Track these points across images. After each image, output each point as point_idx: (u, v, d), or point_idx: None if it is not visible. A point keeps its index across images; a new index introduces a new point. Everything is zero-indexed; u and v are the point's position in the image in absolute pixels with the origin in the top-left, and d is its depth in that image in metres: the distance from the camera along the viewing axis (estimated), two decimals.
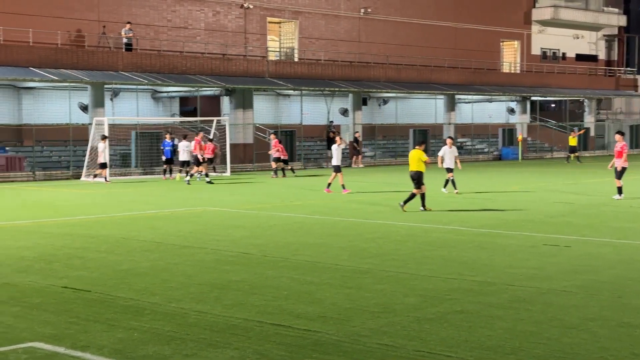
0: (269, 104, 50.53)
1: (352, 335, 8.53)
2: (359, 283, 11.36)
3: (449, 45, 58.82)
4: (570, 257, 13.46)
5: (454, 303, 10.04)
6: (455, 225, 17.97)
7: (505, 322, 9.07)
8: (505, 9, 63.41)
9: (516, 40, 64.93)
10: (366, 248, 14.63)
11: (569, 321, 9.08)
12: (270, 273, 12.14)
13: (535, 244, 14.99)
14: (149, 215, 20.72)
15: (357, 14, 54.03)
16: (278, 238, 16.01)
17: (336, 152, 26.69)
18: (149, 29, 44.41)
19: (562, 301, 10.11)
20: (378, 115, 54.53)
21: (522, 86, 60.74)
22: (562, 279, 11.49)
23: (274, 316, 9.39)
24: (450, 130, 55.02)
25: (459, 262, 13.05)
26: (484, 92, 56.63)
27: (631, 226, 17.63)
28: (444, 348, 8.05)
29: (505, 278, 11.61)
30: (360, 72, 51.32)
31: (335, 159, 26.61)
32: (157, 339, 8.43)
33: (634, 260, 13.12)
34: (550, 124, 62.18)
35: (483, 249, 14.47)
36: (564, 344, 8.15)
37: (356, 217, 19.76)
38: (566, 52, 68.78)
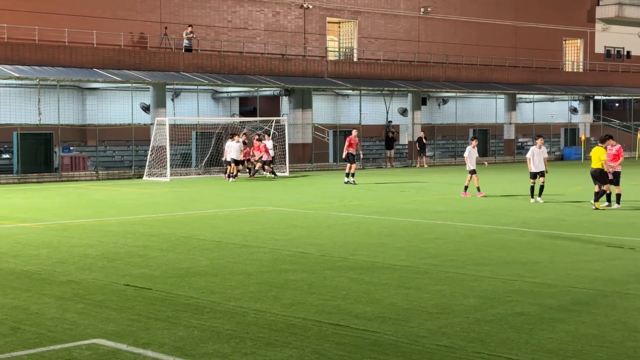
0: (328, 104, 50.59)
1: (410, 336, 8.50)
2: (417, 283, 11.31)
3: (510, 44, 58.18)
4: (634, 260, 13.21)
5: (514, 305, 9.93)
6: (515, 226, 17.77)
7: (567, 324, 8.94)
8: (567, 7, 62.48)
9: (579, 38, 63.93)
10: (424, 248, 14.56)
11: (632, 324, 8.91)
12: (328, 273, 12.16)
13: (598, 245, 14.75)
14: (209, 214, 20.91)
15: (417, 14, 53.79)
16: (336, 238, 16.02)
17: (471, 155, 25.61)
18: (209, 30, 44.84)
19: (625, 304, 9.93)
20: (437, 115, 54.22)
21: (584, 85, 59.78)
22: (626, 282, 11.28)
23: (332, 316, 9.40)
24: (511, 131, 54.43)
25: (519, 263, 12.91)
26: (545, 92, 55.87)
27: None
28: (504, 350, 7.96)
29: (567, 280, 11.45)
30: (419, 72, 51.06)
31: (471, 162, 25.43)
32: (216, 337, 8.51)
33: None
34: (614, 124, 61.07)
35: (544, 250, 14.29)
36: (628, 348, 8.00)
37: (414, 217, 19.67)
38: (631, 50, 67.49)
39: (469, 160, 25.40)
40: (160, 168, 35.61)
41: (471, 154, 25.42)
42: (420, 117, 50.10)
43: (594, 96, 59.95)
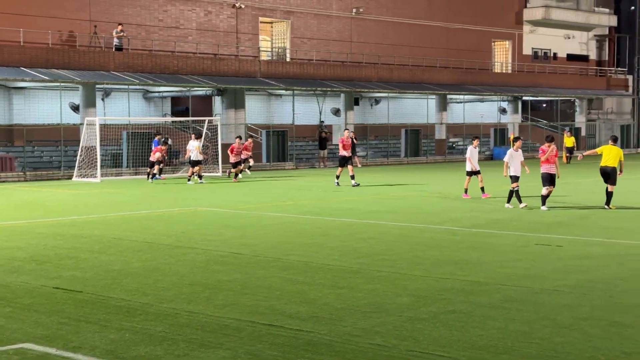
0: (261, 104, 50.50)
1: (344, 335, 8.53)
2: (350, 283, 11.35)
3: (441, 45, 58.89)
4: (561, 257, 13.49)
5: (447, 303, 10.04)
6: (447, 225, 17.99)
7: (498, 321, 9.08)
8: (496, 9, 63.50)
9: (508, 40, 65.04)
10: (358, 248, 14.63)
11: (560, 321, 9.09)
12: (262, 273, 12.13)
13: (527, 243, 15.02)
14: (141, 215, 20.68)
15: (349, 14, 54.04)
16: (269, 238, 16.00)
17: (473, 155, 24.37)
18: (140, 29, 44.32)
19: (554, 301, 10.13)
20: (370, 115, 54.56)
21: (513, 86, 60.85)
22: (554, 279, 11.51)
23: (265, 316, 9.39)
24: (442, 131, 55.09)
25: (451, 262, 13.07)
26: (475, 92, 56.71)
27: (621, 226, 17.67)
28: (437, 348, 8.05)
29: (497, 278, 11.63)
30: (352, 72, 51.33)
31: (474, 163, 24.21)
32: (149, 339, 8.41)
33: (625, 260, 13.15)
34: (542, 124, 62.31)
35: (475, 249, 14.49)
36: (556, 344, 8.16)
37: (348, 217, 19.76)
38: (557, 52, 68.93)
39: (472, 160, 24.13)
40: (90, 169, 35.06)
41: (473, 155, 24.28)
42: (352, 117, 50.38)
43: (522, 97, 61.09)
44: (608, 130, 64.70)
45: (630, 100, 68.94)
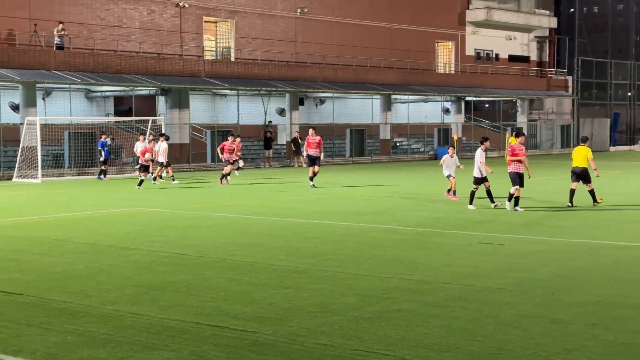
0: (206, 104, 50.23)
1: (289, 335, 8.52)
2: (296, 283, 11.35)
3: (385, 45, 59.23)
4: (504, 255, 13.67)
5: (392, 302, 10.10)
6: (392, 224, 18.10)
7: (442, 320, 9.16)
8: (439, 10, 64.09)
9: (450, 41, 65.69)
10: (303, 248, 14.64)
11: (503, 318, 9.21)
12: (207, 274, 12.06)
13: (470, 242, 15.19)
14: (84, 216, 20.41)
15: (294, 14, 54.05)
16: (215, 239, 15.92)
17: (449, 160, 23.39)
18: (82, 28, 43.72)
19: (496, 299, 10.25)
20: (315, 115, 54.63)
21: (456, 86, 61.48)
22: (497, 277, 11.65)
23: (211, 317, 9.33)
24: (387, 130, 55.40)
25: (396, 261, 13.15)
26: (419, 92, 57.16)
27: (562, 224, 17.97)
28: (382, 347, 8.09)
29: (442, 276, 11.73)
30: (297, 72, 51.34)
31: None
32: (92, 342, 8.30)
33: (566, 258, 13.38)
34: (484, 124, 63.06)
35: (420, 247, 14.60)
36: (499, 341, 8.26)
37: (293, 217, 19.76)
38: (499, 53, 69.82)
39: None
40: (31, 169, 34.49)
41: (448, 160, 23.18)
42: (298, 117, 50.39)
43: (465, 97, 61.76)
44: (549, 130, 65.76)
45: (570, 100, 70.13)
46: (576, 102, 69.17)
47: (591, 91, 72.18)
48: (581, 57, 69.88)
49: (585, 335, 8.46)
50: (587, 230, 16.91)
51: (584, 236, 16.00)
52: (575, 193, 21.66)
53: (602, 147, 65.33)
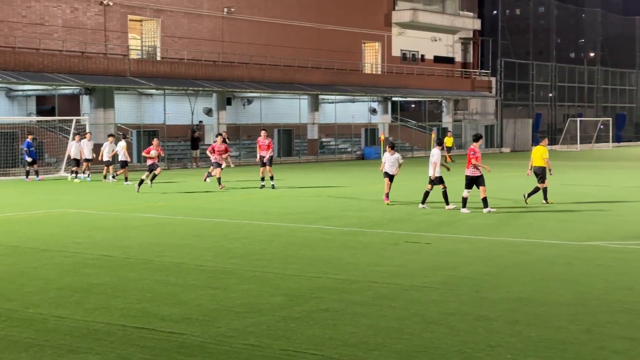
0: (131, 104, 49.57)
1: (217, 337, 8.48)
2: (224, 284, 11.30)
3: (312, 45, 59.38)
4: (430, 254, 13.84)
5: (319, 301, 10.13)
6: (320, 224, 18.15)
7: (369, 319, 9.22)
8: (366, 11, 64.53)
9: (377, 41, 66.19)
10: (231, 248, 14.58)
11: (429, 316, 9.32)
12: (133, 275, 11.92)
13: (397, 241, 15.33)
14: (5, 218, 19.94)
15: (220, 13, 53.77)
16: (141, 240, 15.73)
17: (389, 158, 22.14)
18: (2, 25, 42.71)
19: (423, 297, 10.37)
20: (243, 115, 54.44)
21: (383, 87, 61.98)
22: (423, 276, 11.79)
23: (137, 319, 9.22)
24: (315, 131, 55.54)
25: (324, 260, 13.19)
26: (346, 93, 57.45)
27: (487, 223, 18.27)
28: (310, 346, 8.11)
29: (369, 276, 11.82)
30: (224, 72, 51.09)
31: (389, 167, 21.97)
32: (13, 346, 8.12)
33: (491, 256, 13.61)
34: (411, 124, 63.74)
35: (347, 247, 14.68)
36: (425, 339, 8.36)
37: (221, 217, 19.66)
38: (425, 54, 70.64)
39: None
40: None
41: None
42: (225, 117, 50.16)
43: (392, 97, 62.31)
44: (473, 130, 66.76)
45: (494, 101, 71.35)
46: (499, 103, 70.41)
47: (514, 92, 73.58)
48: (504, 59, 71.17)
49: (508, 331, 8.62)
50: (511, 229, 17.23)
51: (508, 234, 16.30)
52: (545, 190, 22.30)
53: (525, 147, 66.63)
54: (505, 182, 29.76)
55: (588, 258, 13.29)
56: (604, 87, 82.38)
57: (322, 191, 27.05)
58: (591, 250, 14.18)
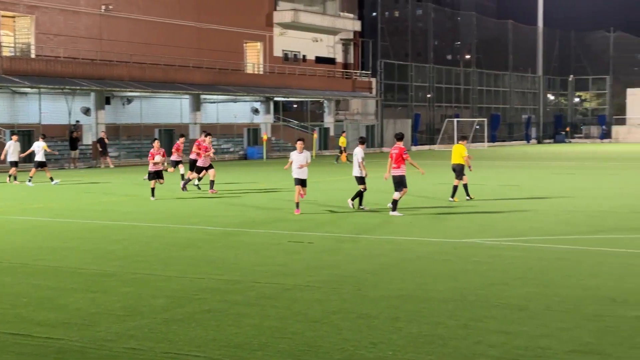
0: (4, 102, 47.89)
1: (97, 341, 8.30)
2: (104, 286, 11.07)
3: (193, 45, 58.86)
4: (313, 253, 13.94)
5: (202, 303, 10.06)
6: (202, 225, 18.02)
7: (252, 319, 9.22)
8: (247, 11, 64.42)
9: (259, 41, 66.18)
10: (112, 250, 14.30)
11: (312, 315, 9.39)
12: (7, 280, 11.53)
13: (280, 241, 15.37)
14: None
15: (98, 11, 52.62)
16: (17, 243, 15.24)
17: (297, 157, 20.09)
18: None
19: (306, 296, 10.44)
20: (122, 115, 53.43)
21: (265, 87, 62.01)
22: (306, 275, 11.87)
23: (12, 325, 8.93)
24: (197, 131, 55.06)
25: (206, 261, 13.11)
26: (228, 93, 57.21)
27: (368, 222, 18.52)
28: (193, 348, 8.04)
29: (252, 276, 11.81)
30: (102, 71, 50.01)
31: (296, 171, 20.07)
32: None
33: (372, 254, 13.82)
34: (293, 124, 64.02)
35: (230, 247, 14.63)
36: (308, 338, 8.42)
37: (101, 219, 19.25)
38: (306, 54, 71.09)
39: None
40: None
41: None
42: (104, 116, 49.12)
43: (274, 97, 62.42)
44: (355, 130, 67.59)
45: (374, 101, 72.45)
46: (380, 103, 71.55)
47: (394, 93, 74.92)
48: (384, 60, 72.36)
49: (390, 328, 8.77)
50: (392, 227, 17.53)
51: (389, 233, 16.58)
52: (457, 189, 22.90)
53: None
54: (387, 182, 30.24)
55: (465, 255, 13.66)
56: (479, 89, 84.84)
57: (205, 191, 26.81)
58: (468, 247, 14.59)
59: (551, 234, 16.09)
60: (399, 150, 19.74)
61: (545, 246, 14.52)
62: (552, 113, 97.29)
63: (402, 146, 19.93)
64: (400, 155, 19.65)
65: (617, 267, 12.31)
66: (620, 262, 12.84)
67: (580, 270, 12.11)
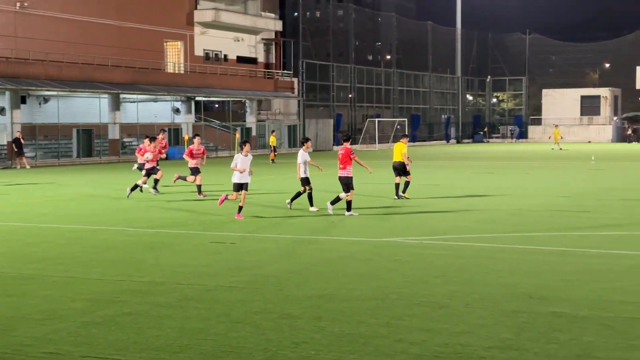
0: None
1: (14, 346, 8.11)
2: (21, 290, 10.83)
3: (113, 43, 58.00)
4: (235, 254, 13.89)
5: (123, 305, 9.93)
6: (121, 226, 17.77)
7: (174, 321, 9.14)
8: (168, 10, 63.78)
9: (179, 40, 65.60)
10: (30, 253, 13.99)
11: (235, 316, 9.36)
12: None
13: (202, 242, 15.27)
14: None
15: (13, 8, 51.41)
16: None
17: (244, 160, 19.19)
18: None
19: (228, 297, 10.40)
20: (39, 115, 52.33)
21: (186, 86, 61.50)
22: (229, 275, 11.82)
23: None
24: (116, 130, 54.28)
25: (127, 263, 12.94)
26: (148, 92, 56.56)
27: (290, 222, 18.55)
28: (113, 351, 7.93)
29: (174, 277, 11.71)
30: (17, 69, 48.86)
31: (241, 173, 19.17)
32: None
33: (295, 254, 13.84)
34: (215, 124, 63.66)
35: (151, 249, 14.47)
36: (231, 339, 8.39)
37: (17, 221, 18.82)
38: (228, 54, 70.76)
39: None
40: None
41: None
42: (19, 116, 48.02)
43: (195, 97, 61.97)
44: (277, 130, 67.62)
45: (296, 101, 72.57)
46: (302, 103, 71.70)
47: (315, 93, 75.17)
48: (306, 60, 72.54)
49: (312, 328, 8.80)
50: (314, 227, 17.58)
51: (311, 233, 16.63)
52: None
53: (326, 147, 68.25)
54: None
55: (387, 254, 13.80)
56: (400, 89, 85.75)
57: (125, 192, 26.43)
58: (390, 246, 14.74)
59: (471, 233, 16.37)
60: (345, 151, 19.56)
61: (465, 244, 14.77)
62: (471, 113, 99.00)
63: (348, 146, 19.76)
64: (347, 156, 19.49)
65: (534, 265, 12.60)
66: (537, 259, 13.15)
67: (499, 267, 12.35)
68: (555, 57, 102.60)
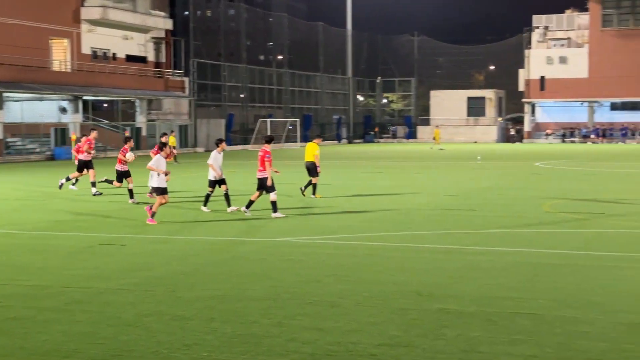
0: None
1: None
2: None
3: None
4: (126, 255, 13.68)
5: (8, 310, 9.65)
6: (6, 228, 17.25)
7: (62, 325, 8.95)
8: (53, 6, 62.09)
9: (66, 38, 64.00)
10: None
11: (125, 319, 9.23)
12: None
13: (91, 244, 14.98)
14: None
15: None
16: None
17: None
18: None
19: (118, 299, 10.24)
20: None
21: (73, 85, 60.06)
22: (119, 278, 11.64)
23: None
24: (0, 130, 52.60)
25: (12, 266, 12.58)
26: (33, 91, 54.99)
27: (180, 222, 18.39)
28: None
29: (61, 280, 11.45)
30: None
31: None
32: None
33: (186, 255, 13.74)
34: (104, 124, 62.42)
35: (37, 252, 14.10)
36: (121, 342, 8.27)
37: None
38: (117, 52, 69.43)
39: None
40: None
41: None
42: None
43: (83, 96, 60.61)
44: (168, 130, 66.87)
45: (187, 101, 71.86)
46: (193, 103, 71.05)
47: (207, 92, 74.62)
48: (196, 59, 71.93)
49: (204, 329, 8.77)
50: (205, 228, 17.47)
51: (203, 233, 16.53)
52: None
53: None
54: (197, 182, 30.15)
55: (279, 254, 13.85)
56: (292, 89, 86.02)
57: (9, 193, 25.68)
58: (282, 246, 14.80)
59: (362, 232, 16.60)
60: (263, 153, 19.69)
61: (357, 243, 14.96)
62: (362, 114, 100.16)
63: (267, 149, 19.77)
64: (263, 158, 19.56)
65: (423, 262, 12.89)
66: (426, 257, 13.45)
67: (389, 266, 12.57)
68: (442, 59, 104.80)
